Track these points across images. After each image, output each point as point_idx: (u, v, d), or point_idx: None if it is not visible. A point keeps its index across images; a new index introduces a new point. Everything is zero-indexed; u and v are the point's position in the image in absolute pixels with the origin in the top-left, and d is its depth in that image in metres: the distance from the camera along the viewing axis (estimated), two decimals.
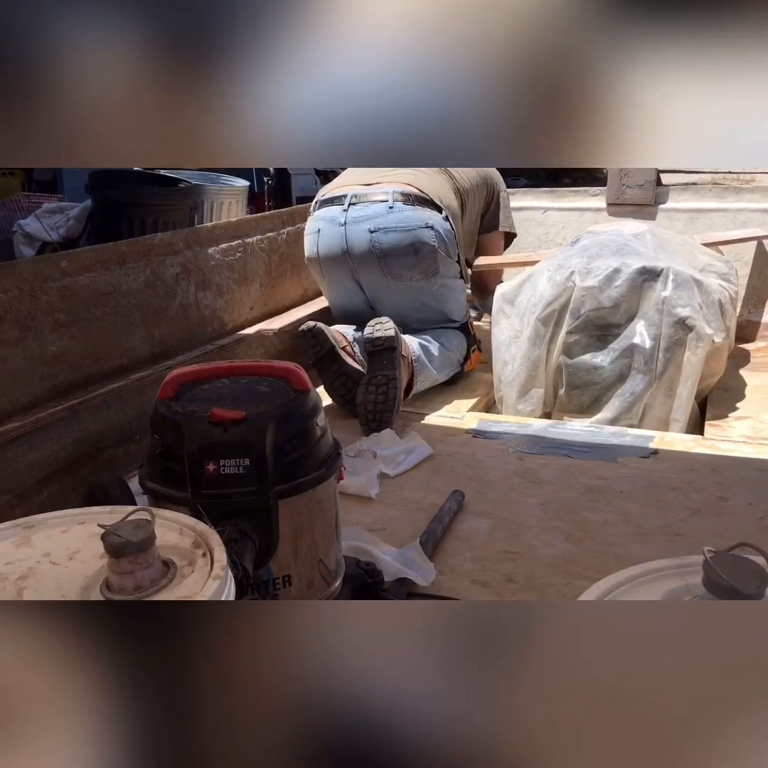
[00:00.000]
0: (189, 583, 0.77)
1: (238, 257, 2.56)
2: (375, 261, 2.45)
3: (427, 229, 2.44)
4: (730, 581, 0.66)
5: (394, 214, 2.44)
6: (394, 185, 2.52)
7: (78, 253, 1.95)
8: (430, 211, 2.48)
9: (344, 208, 2.50)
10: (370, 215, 2.46)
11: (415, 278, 2.47)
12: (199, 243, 2.36)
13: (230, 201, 5.38)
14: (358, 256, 2.47)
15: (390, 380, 2.17)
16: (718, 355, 2.35)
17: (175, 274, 2.23)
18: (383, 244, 2.43)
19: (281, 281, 2.86)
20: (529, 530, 1.67)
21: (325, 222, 2.53)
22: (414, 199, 2.48)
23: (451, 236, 2.51)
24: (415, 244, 2.43)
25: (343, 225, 2.47)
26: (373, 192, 2.52)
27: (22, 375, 1.71)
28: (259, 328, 2.59)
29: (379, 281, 2.49)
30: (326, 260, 2.54)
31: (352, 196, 2.51)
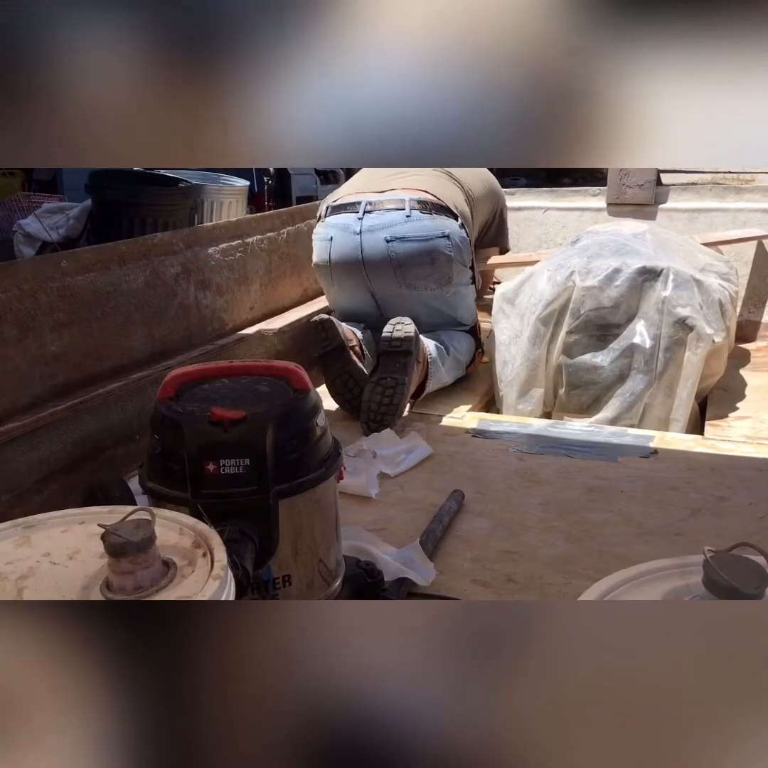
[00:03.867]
0: (189, 583, 0.77)
1: (238, 257, 2.56)
2: (390, 270, 2.43)
3: (444, 239, 2.42)
4: (730, 581, 0.66)
5: (411, 223, 2.41)
6: (409, 192, 2.48)
7: (78, 253, 1.95)
8: (447, 219, 2.45)
9: (359, 216, 2.46)
10: (387, 223, 2.42)
11: (430, 287, 2.46)
12: (199, 243, 2.36)
13: (230, 201, 5.38)
14: (374, 266, 2.44)
15: (398, 385, 2.16)
16: (719, 355, 2.36)
17: (175, 274, 2.23)
18: (400, 253, 2.40)
19: (281, 281, 2.86)
20: (529, 530, 1.67)
21: (338, 230, 2.49)
22: (431, 207, 2.45)
23: (466, 243, 2.49)
24: (432, 253, 2.41)
25: (358, 234, 2.43)
26: (389, 199, 2.47)
27: (22, 375, 1.71)
28: (259, 328, 2.60)
29: (393, 290, 2.47)
30: (338, 268, 2.51)
31: (367, 204, 2.47)
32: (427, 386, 2.36)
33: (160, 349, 2.15)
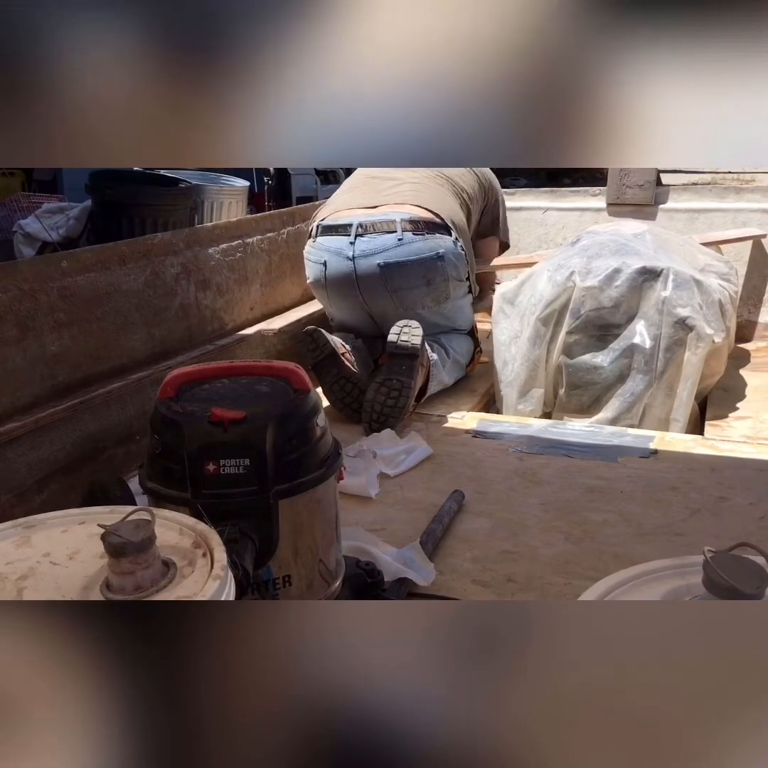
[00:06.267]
0: (189, 583, 0.77)
1: (238, 257, 2.56)
2: (386, 294, 2.42)
3: (439, 260, 2.39)
4: (730, 581, 0.66)
5: (404, 247, 2.38)
6: (399, 210, 2.44)
7: (78, 253, 1.95)
8: (440, 237, 2.42)
9: (351, 240, 2.42)
10: (379, 248, 2.39)
11: (427, 306, 2.45)
12: (199, 243, 2.37)
13: (230, 201, 5.38)
14: (369, 290, 2.43)
15: (404, 387, 2.16)
16: (718, 355, 2.36)
17: (175, 274, 2.23)
18: (395, 278, 2.39)
19: (281, 281, 2.86)
20: (529, 530, 1.67)
21: (331, 254, 2.45)
22: (423, 226, 2.41)
23: (461, 258, 2.47)
24: (427, 275, 2.39)
25: (351, 259, 2.41)
26: (380, 220, 2.42)
27: (22, 375, 1.71)
28: (259, 328, 2.60)
29: (390, 311, 2.45)
30: (334, 291, 2.51)
31: (358, 226, 2.42)
32: (428, 389, 2.36)
33: (160, 349, 2.15)
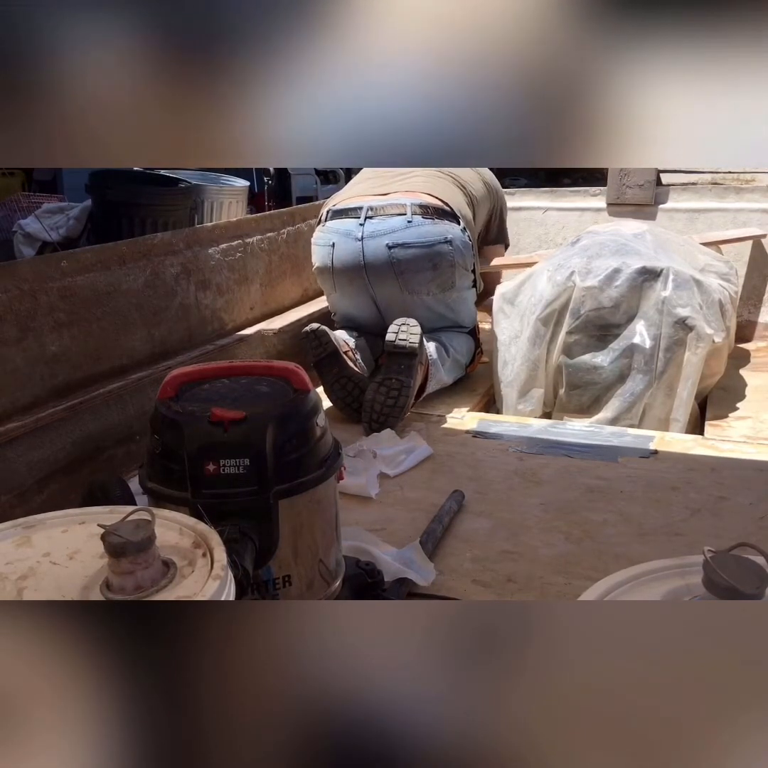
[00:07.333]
0: (189, 583, 0.77)
1: (238, 257, 2.56)
2: (393, 276, 2.42)
3: (446, 244, 2.41)
4: (730, 581, 0.66)
5: (413, 229, 2.40)
6: (410, 196, 2.47)
7: (78, 253, 1.95)
8: (449, 224, 2.44)
9: (360, 222, 2.44)
10: (388, 229, 2.41)
11: (432, 292, 2.45)
12: (199, 243, 2.36)
13: (230, 201, 5.38)
14: (376, 272, 2.43)
15: (403, 387, 2.16)
16: (718, 355, 2.35)
17: (175, 274, 2.23)
18: (402, 259, 2.39)
19: (281, 281, 2.86)
20: (529, 530, 1.67)
21: (340, 236, 2.47)
22: (433, 212, 2.43)
23: (468, 247, 2.48)
24: (434, 259, 2.40)
25: (359, 240, 2.42)
26: (390, 204, 2.46)
27: (22, 375, 1.71)
28: (259, 328, 2.60)
29: (395, 295, 2.46)
30: (340, 273, 2.50)
31: (368, 209, 2.45)
32: (427, 387, 2.36)
33: (160, 349, 2.15)
